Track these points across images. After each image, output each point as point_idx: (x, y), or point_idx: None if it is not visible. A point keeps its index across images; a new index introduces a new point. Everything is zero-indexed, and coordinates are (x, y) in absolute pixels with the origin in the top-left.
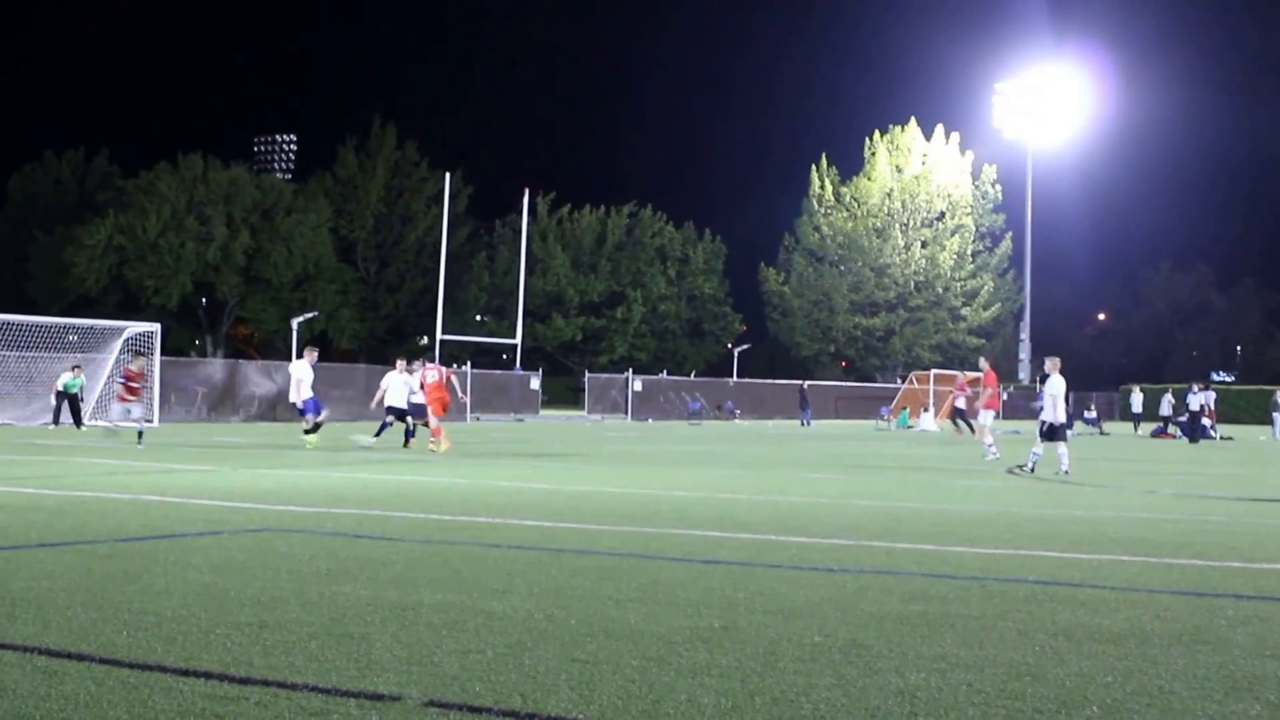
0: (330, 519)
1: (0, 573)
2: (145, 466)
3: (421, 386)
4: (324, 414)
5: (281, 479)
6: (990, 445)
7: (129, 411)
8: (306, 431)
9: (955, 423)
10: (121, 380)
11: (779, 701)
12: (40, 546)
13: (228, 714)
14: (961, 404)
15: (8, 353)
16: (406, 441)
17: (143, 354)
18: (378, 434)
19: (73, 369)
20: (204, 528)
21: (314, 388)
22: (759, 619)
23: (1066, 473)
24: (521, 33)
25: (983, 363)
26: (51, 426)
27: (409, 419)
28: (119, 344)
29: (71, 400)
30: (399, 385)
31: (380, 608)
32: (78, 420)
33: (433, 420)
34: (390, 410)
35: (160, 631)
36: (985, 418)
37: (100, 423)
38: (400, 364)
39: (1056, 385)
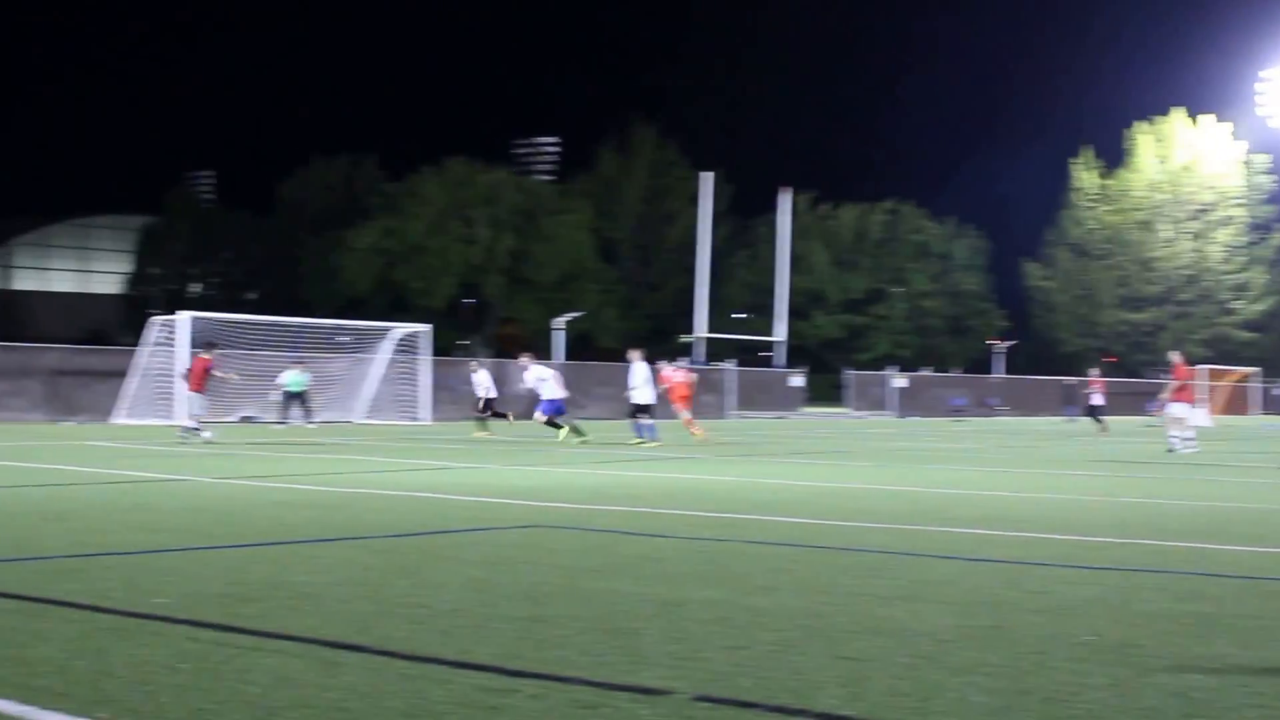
0: (597, 515)
1: (282, 567)
2: (417, 464)
3: (660, 383)
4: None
5: (549, 476)
6: (1174, 437)
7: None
8: (562, 429)
9: (1096, 419)
10: (188, 370)
11: (1050, 701)
12: (318, 541)
13: (501, 705)
14: (1097, 400)
15: (281, 354)
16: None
17: (214, 344)
18: (646, 436)
19: (296, 366)
20: (475, 524)
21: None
22: (1028, 617)
23: None
24: (779, 32)
25: (1173, 356)
26: (279, 425)
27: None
28: (389, 344)
29: (300, 397)
30: (644, 379)
31: (648, 603)
32: (308, 416)
33: (684, 413)
34: (640, 409)
35: (435, 625)
36: (1179, 410)
37: (373, 421)
38: (635, 354)
39: None
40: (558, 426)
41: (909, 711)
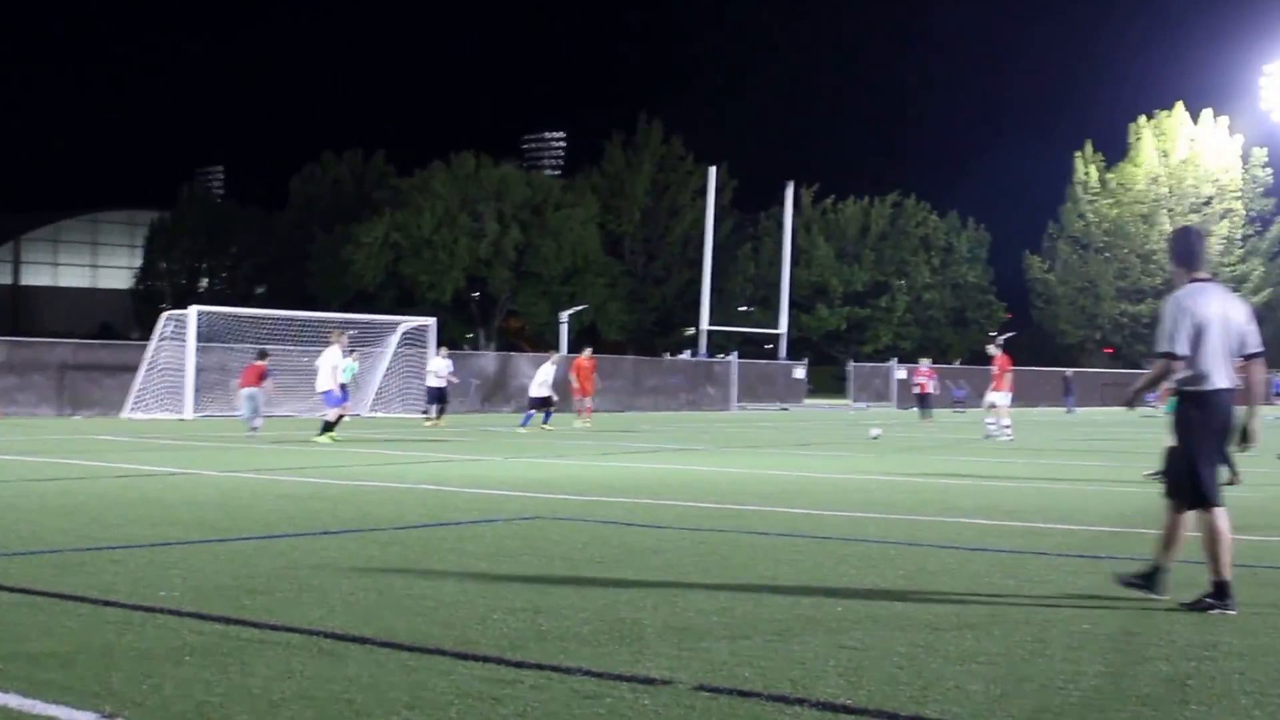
0: (600, 507)
1: (287, 559)
2: (422, 456)
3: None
4: (346, 407)
5: (553, 468)
6: (992, 425)
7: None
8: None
9: (925, 410)
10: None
11: (1047, 689)
12: (324, 534)
13: (503, 696)
14: (932, 389)
15: (290, 347)
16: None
17: (266, 354)
18: (523, 424)
19: (349, 354)
20: (479, 515)
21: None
22: (1026, 606)
23: None
24: (782, 27)
25: (991, 349)
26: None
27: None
28: (395, 338)
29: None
30: (547, 375)
31: (650, 594)
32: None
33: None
34: (534, 401)
35: (438, 616)
36: (999, 399)
37: (377, 413)
38: (554, 355)
39: None
40: (329, 426)
41: (908, 700)
